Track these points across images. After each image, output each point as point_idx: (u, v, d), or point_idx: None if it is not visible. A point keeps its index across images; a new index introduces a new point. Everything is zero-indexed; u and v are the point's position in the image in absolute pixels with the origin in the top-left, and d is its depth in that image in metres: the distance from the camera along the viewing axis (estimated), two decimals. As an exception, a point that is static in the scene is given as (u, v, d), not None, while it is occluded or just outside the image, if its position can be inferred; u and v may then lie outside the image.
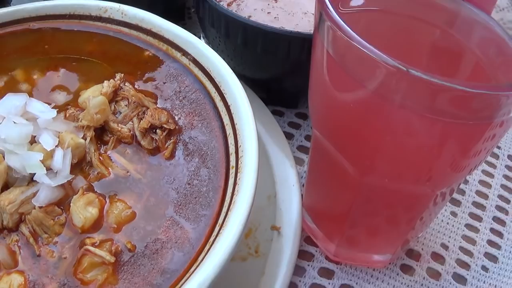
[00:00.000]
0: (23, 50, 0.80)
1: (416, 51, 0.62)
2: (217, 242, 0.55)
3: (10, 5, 0.94)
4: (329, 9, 0.53)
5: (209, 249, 0.56)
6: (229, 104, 0.68)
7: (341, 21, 0.52)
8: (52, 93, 0.74)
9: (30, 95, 0.71)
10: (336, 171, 0.68)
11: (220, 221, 0.59)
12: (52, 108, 0.69)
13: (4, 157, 0.61)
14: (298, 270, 0.79)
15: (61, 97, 0.74)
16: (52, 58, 0.80)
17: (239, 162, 0.62)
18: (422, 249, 0.83)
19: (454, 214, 0.89)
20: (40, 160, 0.61)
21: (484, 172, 0.97)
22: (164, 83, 0.75)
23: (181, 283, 0.55)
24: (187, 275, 0.56)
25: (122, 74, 0.74)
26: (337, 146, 0.64)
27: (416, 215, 0.68)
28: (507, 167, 0.98)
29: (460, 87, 0.46)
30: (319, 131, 0.68)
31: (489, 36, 0.60)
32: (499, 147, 1.01)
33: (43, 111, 0.67)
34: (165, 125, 0.68)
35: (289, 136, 0.97)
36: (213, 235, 0.59)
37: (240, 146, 0.64)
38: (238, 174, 0.61)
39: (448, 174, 0.59)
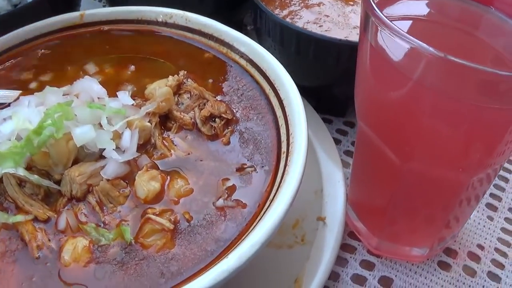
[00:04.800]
0: (95, 49, 0.90)
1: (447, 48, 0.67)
2: (266, 214, 0.61)
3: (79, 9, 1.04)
4: (374, 7, 0.60)
5: (259, 220, 0.62)
6: (282, 98, 0.75)
7: (384, 16, 0.58)
8: (121, 86, 0.83)
9: (102, 85, 0.78)
10: (379, 161, 0.74)
11: (270, 197, 0.65)
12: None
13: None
14: (341, 261, 0.84)
15: (129, 89, 0.82)
16: (122, 56, 0.88)
17: (290, 148, 0.69)
18: (459, 248, 0.87)
19: (490, 218, 0.93)
20: (110, 139, 0.68)
21: (521, 181, 1.01)
22: (224, 81, 0.83)
23: (233, 248, 0.61)
24: (239, 242, 0.62)
25: (186, 71, 0.82)
26: (380, 135, 0.70)
27: (451, 205, 0.73)
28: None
29: (489, 69, 0.52)
30: (364, 122, 0.74)
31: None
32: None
33: (115, 98, 0.75)
34: (223, 115, 0.76)
35: (336, 142, 1.02)
36: (264, 209, 0.65)
37: (291, 134, 0.70)
38: (289, 157, 0.67)
39: (479, 160, 0.64)
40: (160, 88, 0.76)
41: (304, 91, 0.97)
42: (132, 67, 0.87)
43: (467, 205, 0.76)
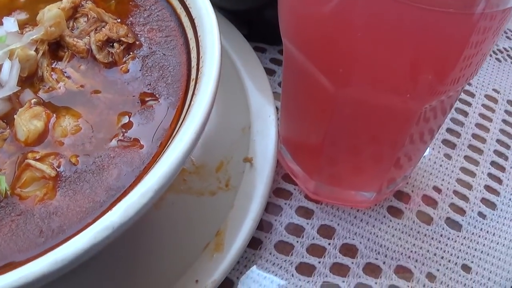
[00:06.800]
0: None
1: None
2: (163, 155, 0.50)
3: None
4: None
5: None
6: (193, 17, 0.63)
7: None
8: (13, 13, 0.70)
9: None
10: (309, 88, 0.62)
11: (174, 134, 0.54)
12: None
13: None
14: (274, 209, 0.74)
15: (20, 17, 0.69)
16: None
17: (199, 73, 0.56)
18: (412, 191, 0.77)
19: (448, 156, 0.83)
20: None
21: (481, 115, 0.91)
22: (129, 1, 0.70)
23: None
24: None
25: (85, -8, 0.69)
26: (308, 55, 0.58)
27: (400, 140, 0.62)
28: (507, 112, 0.92)
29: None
30: (289, 41, 0.62)
31: None
32: (498, 92, 0.95)
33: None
34: (123, 39, 0.63)
35: (270, 72, 0.92)
36: (163, 150, 0.53)
37: (201, 57, 0.58)
38: (197, 85, 0.55)
39: (431, 82, 0.53)
40: (49, 11, 0.63)
41: (234, 17, 0.86)
42: (27, -7, 0.73)
43: (420, 140, 0.65)
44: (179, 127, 0.53)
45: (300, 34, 0.59)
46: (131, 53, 0.63)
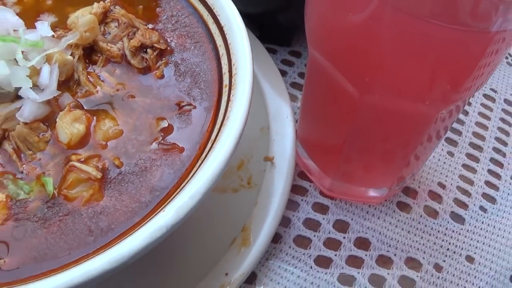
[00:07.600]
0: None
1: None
2: (207, 159, 0.53)
3: None
4: None
5: (200, 165, 0.54)
6: (222, 25, 0.66)
7: None
8: (42, 16, 0.71)
9: (20, 16, 0.67)
10: (334, 93, 0.66)
11: (212, 137, 0.57)
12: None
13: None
14: (291, 205, 0.77)
15: (49, 20, 0.71)
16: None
17: (233, 80, 0.60)
18: (419, 187, 0.81)
19: (450, 154, 0.87)
20: (26, 75, 0.58)
21: (481, 114, 0.95)
22: (156, 7, 0.72)
23: (170, 199, 0.52)
24: (177, 191, 0.53)
25: (113, -3, 0.71)
26: (336, 64, 0.61)
27: (414, 142, 0.65)
28: (504, 110, 0.97)
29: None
30: (317, 50, 0.65)
31: None
32: (495, 91, 0.99)
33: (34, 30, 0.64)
34: (156, 45, 0.66)
35: (282, 73, 0.93)
36: (205, 151, 0.56)
37: (234, 64, 0.61)
38: (232, 91, 0.58)
39: (447, 91, 0.57)
40: (83, 16, 0.65)
41: (246, 19, 0.89)
42: (54, -5, 0.75)
43: (430, 142, 0.69)
44: (218, 132, 0.56)
45: (329, 45, 0.62)
46: (163, 58, 0.66)
